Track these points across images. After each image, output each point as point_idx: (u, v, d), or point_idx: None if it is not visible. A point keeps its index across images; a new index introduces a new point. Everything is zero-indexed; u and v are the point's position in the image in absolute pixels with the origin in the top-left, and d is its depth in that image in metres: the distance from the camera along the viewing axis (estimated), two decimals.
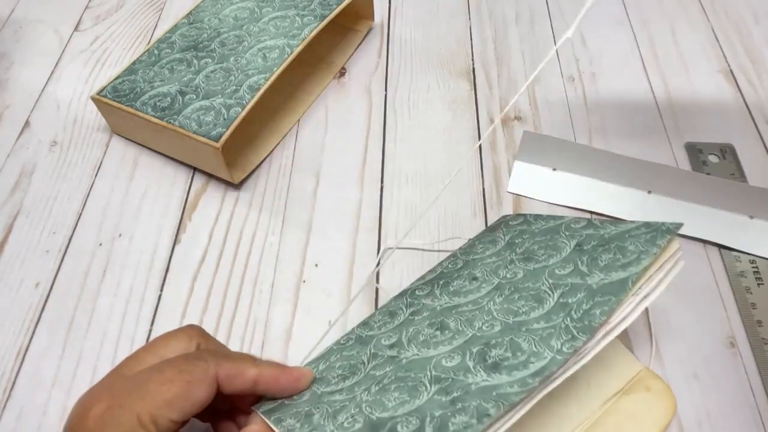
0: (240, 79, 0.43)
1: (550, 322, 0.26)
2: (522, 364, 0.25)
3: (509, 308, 0.28)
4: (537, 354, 0.25)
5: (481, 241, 0.36)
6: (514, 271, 0.31)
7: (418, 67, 0.51)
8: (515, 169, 0.44)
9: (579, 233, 0.31)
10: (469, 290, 0.31)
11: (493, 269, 0.32)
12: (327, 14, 0.47)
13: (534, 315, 0.27)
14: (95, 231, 0.41)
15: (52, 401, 0.34)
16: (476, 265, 0.33)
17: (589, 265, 0.28)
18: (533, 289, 0.29)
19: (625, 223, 0.30)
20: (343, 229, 0.41)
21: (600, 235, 0.30)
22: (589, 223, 0.32)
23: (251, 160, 0.44)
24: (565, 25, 0.55)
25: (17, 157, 0.45)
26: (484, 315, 0.29)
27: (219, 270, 0.39)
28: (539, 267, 0.30)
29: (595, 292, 0.26)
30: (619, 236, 0.29)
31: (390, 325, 0.31)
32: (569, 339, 0.25)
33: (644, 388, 0.32)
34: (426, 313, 0.31)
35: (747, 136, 0.46)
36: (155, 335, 0.36)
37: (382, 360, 0.29)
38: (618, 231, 0.30)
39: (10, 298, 0.38)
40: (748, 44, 0.53)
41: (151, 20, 0.55)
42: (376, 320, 0.33)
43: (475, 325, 0.28)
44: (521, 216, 0.37)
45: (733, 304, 0.37)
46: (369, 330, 0.32)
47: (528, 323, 0.27)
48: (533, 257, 0.31)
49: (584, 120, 0.47)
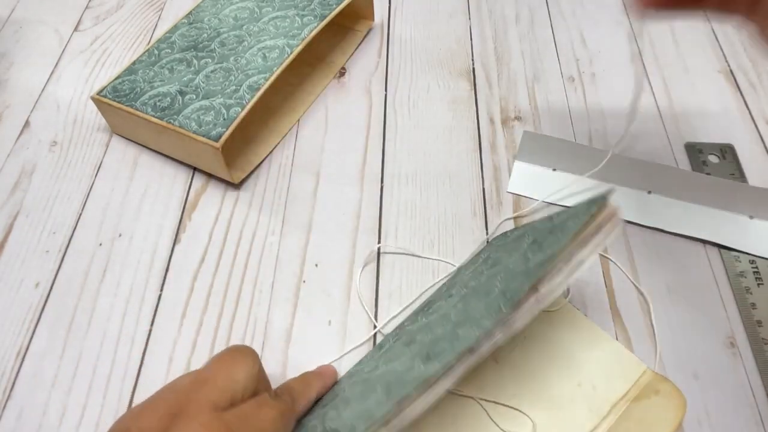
0: (240, 79, 0.43)
1: (488, 308, 0.27)
2: (450, 350, 0.26)
3: (463, 309, 0.29)
4: (467, 338, 0.26)
5: (465, 266, 0.37)
6: (479, 279, 0.32)
7: (418, 67, 0.51)
8: (515, 169, 0.44)
9: (538, 230, 0.32)
10: (442, 306, 0.32)
11: (464, 283, 0.33)
12: (327, 14, 0.47)
13: (479, 306, 0.28)
14: (95, 231, 0.41)
15: (52, 401, 0.34)
16: (454, 284, 0.34)
17: (534, 251, 0.29)
18: (486, 287, 0.29)
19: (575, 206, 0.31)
20: (343, 229, 0.41)
21: (553, 225, 0.31)
22: (549, 218, 0.32)
23: (251, 160, 0.44)
24: (566, 25, 0.55)
25: (17, 157, 0.45)
26: (444, 321, 0.29)
27: (219, 270, 0.39)
28: (499, 268, 0.31)
29: (530, 271, 0.27)
30: (565, 219, 0.30)
31: (376, 355, 0.33)
32: (494, 314, 0.26)
33: (653, 392, 0.32)
34: (404, 337, 0.32)
35: (747, 136, 0.46)
36: (155, 335, 0.36)
37: (354, 381, 0.30)
38: (566, 215, 0.30)
39: (10, 298, 0.38)
40: (748, 44, 0.53)
41: (151, 20, 0.55)
42: (367, 356, 0.34)
43: (435, 332, 0.29)
44: (503, 234, 0.38)
45: (733, 304, 0.37)
46: (359, 365, 0.34)
47: (472, 314, 0.28)
48: (498, 262, 0.32)
49: (584, 120, 0.47)
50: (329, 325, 0.36)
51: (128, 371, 0.35)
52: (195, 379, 0.26)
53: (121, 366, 0.35)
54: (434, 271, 0.39)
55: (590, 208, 0.27)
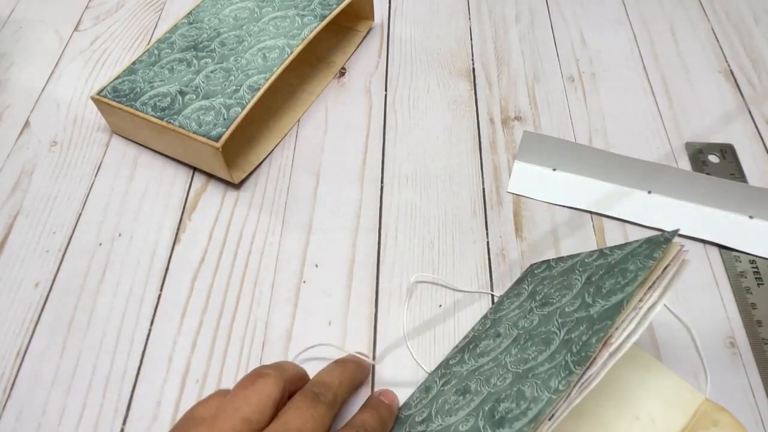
0: (240, 79, 0.43)
1: (553, 362, 0.25)
2: (522, 413, 0.24)
3: (521, 357, 0.28)
4: (536, 399, 0.24)
5: (508, 297, 0.36)
6: (531, 319, 0.30)
7: (418, 67, 0.51)
8: (515, 169, 0.44)
9: (590, 266, 0.30)
10: (492, 348, 0.31)
11: (514, 322, 0.31)
12: (327, 14, 0.47)
13: (541, 358, 0.26)
14: (95, 231, 0.41)
15: (52, 401, 0.34)
16: (501, 322, 0.33)
17: (593, 296, 0.27)
18: (544, 333, 0.28)
19: (631, 244, 0.30)
20: (343, 229, 0.41)
21: (608, 263, 0.29)
22: (600, 253, 0.31)
23: (251, 160, 0.44)
24: (566, 25, 0.55)
25: (17, 157, 0.45)
26: (500, 369, 0.28)
27: (219, 270, 0.39)
28: (552, 309, 0.29)
29: (595, 320, 0.26)
30: (623, 259, 0.28)
31: (425, 400, 0.31)
32: (566, 375, 0.24)
33: (712, 423, 0.31)
34: (454, 381, 0.30)
35: (747, 136, 0.46)
36: (155, 335, 0.36)
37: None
38: (623, 254, 0.29)
39: (10, 298, 0.38)
40: (748, 44, 0.53)
41: (151, 20, 0.55)
42: (414, 398, 0.33)
43: (491, 382, 0.27)
44: (545, 263, 0.36)
45: (733, 304, 0.37)
46: (407, 410, 0.32)
47: (535, 368, 0.26)
48: (549, 301, 0.30)
49: (584, 120, 0.47)
50: (329, 326, 0.36)
51: (128, 371, 0.35)
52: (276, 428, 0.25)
53: (121, 366, 0.35)
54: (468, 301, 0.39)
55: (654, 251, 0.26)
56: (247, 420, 0.24)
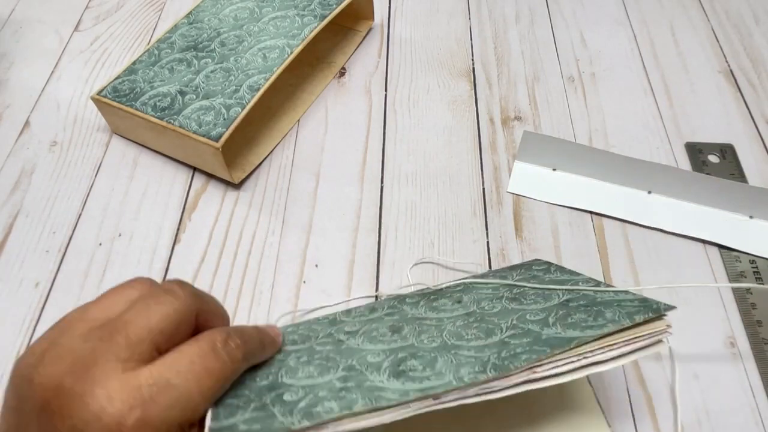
0: (240, 79, 0.43)
1: (480, 353, 0.25)
2: (420, 378, 0.24)
3: (459, 333, 0.27)
4: (440, 375, 0.24)
5: (494, 273, 0.36)
6: (493, 305, 0.30)
7: (418, 67, 0.51)
8: (515, 169, 0.44)
9: (578, 292, 0.30)
10: (445, 309, 0.30)
11: (479, 299, 0.31)
12: (327, 14, 0.47)
13: (473, 344, 0.26)
14: (95, 231, 0.41)
15: None
16: (470, 291, 0.33)
17: (558, 319, 0.27)
18: (493, 324, 0.28)
19: (628, 292, 0.29)
20: (343, 229, 0.41)
21: (593, 297, 0.29)
22: (596, 284, 0.30)
23: (251, 160, 0.44)
24: (566, 25, 0.55)
25: (17, 157, 0.45)
26: (435, 331, 0.28)
27: (219, 270, 0.39)
28: (517, 308, 0.29)
29: (539, 341, 0.25)
30: (608, 302, 0.28)
31: (363, 318, 0.31)
32: (478, 372, 0.24)
33: None
34: (396, 316, 0.31)
35: (747, 136, 0.46)
36: None
37: (330, 340, 0.29)
38: (612, 298, 0.28)
39: (10, 298, 0.38)
40: (748, 44, 0.53)
41: (151, 20, 0.55)
42: (357, 311, 0.33)
43: (420, 337, 0.27)
44: (546, 264, 0.35)
45: (733, 304, 0.37)
46: (345, 316, 0.32)
47: (460, 349, 0.26)
48: (521, 300, 0.30)
49: (584, 120, 0.47)
50: None
51: None
52: (113, 324, 0.22)
53: None
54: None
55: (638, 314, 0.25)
56: (93, 319, 0.22)
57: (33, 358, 0.21)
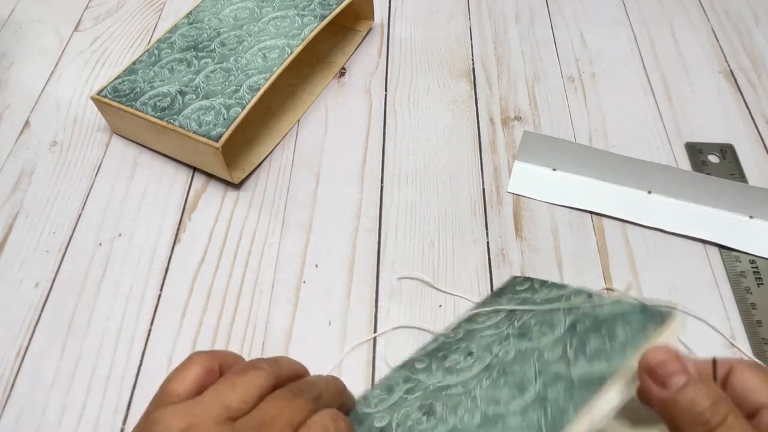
0: (240, 79, 0.43)
1: (526, 419, 0.25)
2: None
3: (492, 395, 0.27)
4: None
5: (485, 308, 0.35)
6: (507, 350, 0.30)
7: (418, 67, 0.51)
8: (515, 169, 0.44)
9: (576, 310, 0.30)
10: (462, 368, 0.30)
11: (488, 344, 0.31)
12: (327, 14, 0.47)
13: (512, 407, 0.26)
14: (95, 231, 0.41)
15: (52, 401, 0.34)
16: (474, 338, 0.32)
17: (576, 350, 0.27)
18: (519, 375, 0.27)
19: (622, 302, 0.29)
20: (343, 229, 0.41)
21: (595, 315, 0.28)
22: (588, 297, 0.30)
23: (251, 160, 0.44)
24: (566, 25, 0.55)
25: (17, 157, 0.45)
26: (469, 401, 0.27)
27: (219, 270, 0.39)
28: (530, 347, 0.29)
29: (575, 386, 0.25)
30: (612, 317, 0.27)
31: (385, 403, 0.31)
32: None
33: None
34: (419, 392, 0.30)
35: (747, 136, 0.46)
36: (155, 335, 0.36)
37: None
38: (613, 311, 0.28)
39: (10, 298, 0.38)
40: (748, 44, 0.53)
41: (151, 20, 0.55)
42: (374, 396, 0.32)
43: (458, 413, 0.27)
44: (528, 280, 0.35)
45: (733, 304, 0.37)
46: (366, 407, 0.31)
47: (505, 418, 0.26)
48: (527, 334, 0.30)
49: (584, 120, 0.47)
50: (329, 326, 0.36)
51: (127, 371, 0.35)
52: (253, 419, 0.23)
53: (121, 366, 0.35)
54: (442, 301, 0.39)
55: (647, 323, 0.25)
56: (227, 407, 0.23)
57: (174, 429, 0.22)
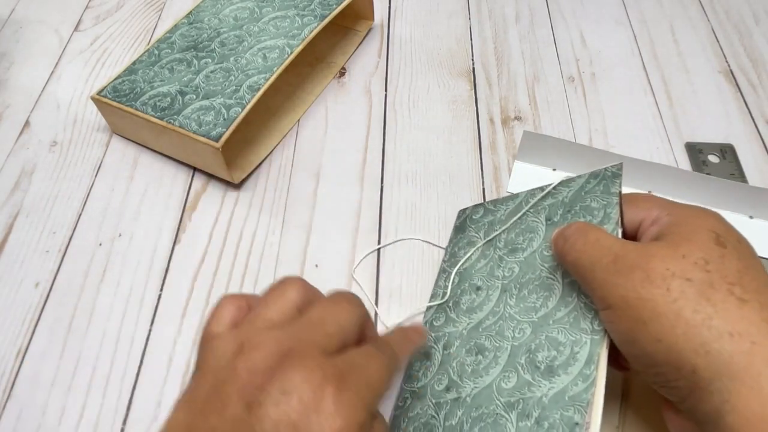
0: (240, 79, 0.43)
1: (569, 305, 0.27)
2: (571, 357, 0.25)
3: (526, 306, 0.29)
4: (576, 342, 0.25)
5: (458, 246, 0.37)
6: (509, 267, 0.31)
7: (418, 67, 0.51)
8: (515, 169, 0.44)
9: (542, 206, 0.32)
10: (480, 303, 0.31)
11: (489, 272, 0.32)
12: (327, 14, 0.47)
13: (551, 304, 0.28)
14: (95, 231, 0.41)
15: (52, 401, 0.34)
16: (470, 274, 0.34)
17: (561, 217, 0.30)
18: (537, 279, 0.29)
19: (574, 180, 0.31)
20: (343, 229, 0.41)
21: (560, 201, 0.31)
22: (540, 191, 0.33)
23: (251, 160, 0.44)
24: (566, 25, 0.55)
25: (17, 157, 0.45)
26: (510, 321, 0.29)
27: (219, 270, 0.39)
28: (529, 255, 0.31)
29: None
30: (576, 197, 0.30)
31: (433, 368, 0.31)
32: (594, 316, 0.26)
33: None
34: (456, 342, 0.31)
35: (747, 136, 0.46)
36: (155, 335, 0.36)
37: (447, 407, 0.29)
38: (573, 191, 0.31)
39: (10, 298, 0.38)
40: (748, 44, 0.53)
41: (151, 20, 0.55)
42: (416, 368, 0.32)
43: (506, 335, 0.28)
44: (479, 206, 0.37)
45: None
46: (416, 381, 0.32)
47: (551, 315, 0.27)
48: (517, 246, 0.32)
49: (584, 120, 0.47)
50: None
51: (128, 371, 0.35)
52: (301, 321, 0.25)
53: (121, 366, 0.35)
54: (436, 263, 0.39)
55: (610, 186, 0.28)
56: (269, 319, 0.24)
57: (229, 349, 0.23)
